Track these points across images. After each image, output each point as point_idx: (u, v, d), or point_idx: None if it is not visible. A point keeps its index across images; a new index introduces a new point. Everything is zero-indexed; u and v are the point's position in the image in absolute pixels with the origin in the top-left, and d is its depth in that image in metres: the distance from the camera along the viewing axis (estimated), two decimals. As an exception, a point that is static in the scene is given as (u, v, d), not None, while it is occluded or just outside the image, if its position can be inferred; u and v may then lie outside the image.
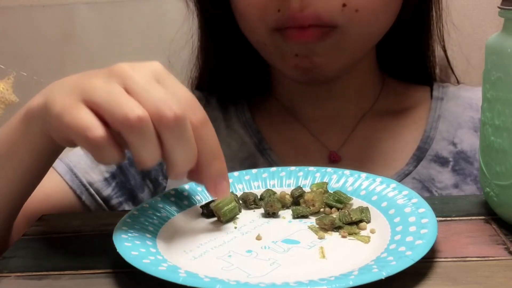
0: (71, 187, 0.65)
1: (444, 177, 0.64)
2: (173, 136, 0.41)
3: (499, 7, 0.42)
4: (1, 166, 0.50)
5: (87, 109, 0.41)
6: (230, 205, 0.47)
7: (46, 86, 0.47)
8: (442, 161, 0.65)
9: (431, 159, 0.65)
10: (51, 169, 0.64)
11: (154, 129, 0.40)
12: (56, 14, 1.26)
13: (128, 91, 0.41)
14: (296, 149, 0.68)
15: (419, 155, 0.65)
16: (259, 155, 0.67)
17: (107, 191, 0.66)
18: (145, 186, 0.68)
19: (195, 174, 0.45)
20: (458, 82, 0.75)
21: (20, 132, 0.48)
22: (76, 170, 0.65)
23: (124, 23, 1.27)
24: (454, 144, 0.66)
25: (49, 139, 0.47)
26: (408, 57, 0.72)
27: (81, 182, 0.65)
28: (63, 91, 0.43)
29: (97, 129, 0.40)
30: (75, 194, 0.65)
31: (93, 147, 0.41)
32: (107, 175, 0.67)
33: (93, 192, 0.66)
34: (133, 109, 0.40)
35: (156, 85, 0.42)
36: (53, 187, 0.63)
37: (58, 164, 0.66)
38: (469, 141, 0.66)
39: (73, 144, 0.46)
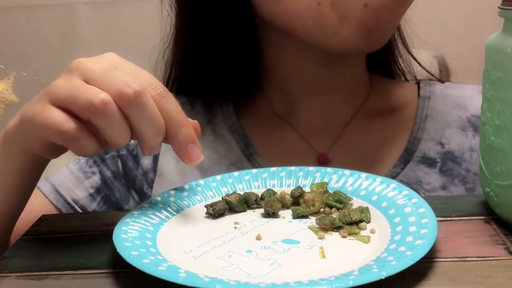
0: (56, 207, 0.66)
1: (432, 179, 0.64)
2: (137, 111, 0.43)
3: (499, 7, 0.42)
4: None
5: (54, 108, 0.44)
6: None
7: (46, 86, 0.47)
8: (429, 162, 0.65)
9: (418, 160, 0.65)
10: (36, 190, 0.66)
11: (119, 110, 0.43)
12: (56, 14, 1.26)
13: (88, 81, 0.44)
14: (284, 152, 0.67)
15: (406, 157, 0.65)
16: (245, 160, 0.66)
17: (92, 206, 0.67)
18: (130, 197, 0.69)
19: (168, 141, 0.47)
20: (442, 82, 0.74)
21: (1, 154, 0.50)
22: (61, 190, 0.66)
23: (124, 23, 1.27)
24: (442, 144, 0.66)
25: (30, 156, 0.49)
26: (383, 56, 0.72)
27: (66, 200, 0.66)
28: (32, 101, 0.47)
29: (68, 122, 0.43)
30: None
31: (69, 140, 0.44)
32: (91, 190, 0.68)
33: (78, 209, 0.66)
34: (95, 94, 0.42)
35: (113, 70, 0.45)
36: (39, 209, 0.64)
37: (43, 184, 0.67)
38: (457, 141, 0.66)
39: (53, 152, 0.48)
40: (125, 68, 0.45)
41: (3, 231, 0.53)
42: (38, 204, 0.65)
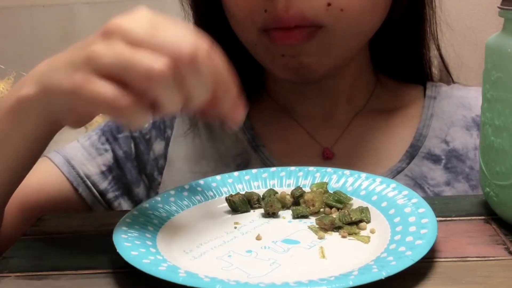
0: (68, 179, 0.64)
1: (436, 175, 0.64)
2: (193, 74, 0.40)
3: (499, 7, 0.42)
4: None
5: (101, 79, 0.40)
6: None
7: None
8: (434, 159, 0.65)
9: (423, 156, 0.65)
10: (48, 161, 0.64)
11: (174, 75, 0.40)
12: (56, 14, 1.26)
13: (133, 45, 0.40)
14: (289, 146, 0.68)
15: (411, 152, 0.66)
16: (252, 151, 0.67)
17: (104, 184, 0.66)
18: (141, 181, 0.69)
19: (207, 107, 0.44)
20: (453, 82, 0.75)
21: (12, 122, 0.47)
22: (74, 162, 0.65)
23: (124, 23, 1.26)
24: (447, 142, 0.66)
25: (49, 126, 0.46)
26: (403, 56, 0.73)
27: (78, 174, 0.65)
28: (62, 71, 0.42)
29: (124, 97, 0.39)
30: (72, 186, 0.65)
31: (124, 115, 0.40)
32: (104, 168, 0.67)
33: (90, 184, 0.65)
34: (152, 62, 0.39)
35: (157, 30, 0.41)
36: (49, 179, 0.63)
37: (55, 156, 0.66)
38: (461, 139, 0.66)
39: (83, 123, 0.45)
40: (166, 25, 0.41)
41: (2, 197, 0.52)
42: (49, 175, 0.64)
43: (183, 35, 0.41)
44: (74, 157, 0.66)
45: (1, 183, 0.50)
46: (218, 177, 0.53)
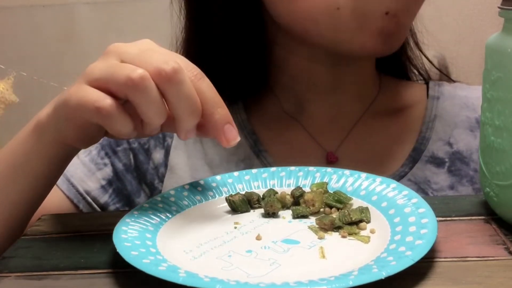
0: (68, 197, 0.65)
1: (440, 178, 0.64)
2: (174, 88, 0.43)
3: (499, 7, 0.42)
4: (14, 177, 0.51)
5: (91, 87, 0.44)
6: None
7: (46, 86, 0.48)
8: (438, 162, 0.65)
9: (426, 160, 0.65)
10: None
11: (157, 87, 0.43)
12: (56, 14, 1.26)
13: (124, 62, 0.44)
14: (292, 150, 0.68)
15: (414, 156, 0.65)
16: (254, 157, 0.67)
17: (104, 198, 0.67)
18: (142, 190, 0.69)
19: (203, 128, 0.47)
20: (452, 81, 0.75)
21: (31, 143, 0.50)
22: (73, 180, 0.66)
23: (124, 23, 1.27)
24: (450, 144, 0.66)
25: (61, 146, 0.50)
26: (395, 55, 0.72)
27: (78, 191, 0.66)
28: (67, 89, 0.46)
29: (105, 99, 0.43)
30: (72, 203, 0.65)
31: (104, 117, 0.43)
32: (103, 182, 0.67)
33: (90, 200, 0.66)
34: (133, 70, 0.42)
35: (150, 51, 0.45)
36: (50, 197, 0.64)
37: None
38: (465, 141, 0.66)
39: (85, 139, 0.48)
40: (162, 51, 0.46)
41: (24, 217, 0.53)
42: (50, 193, 0.65)
43: (170, 57, 0.44)
44: (74, 174, 0.67)
45: (23, 202, 0.52)
46: (218, 177, 0.53)
